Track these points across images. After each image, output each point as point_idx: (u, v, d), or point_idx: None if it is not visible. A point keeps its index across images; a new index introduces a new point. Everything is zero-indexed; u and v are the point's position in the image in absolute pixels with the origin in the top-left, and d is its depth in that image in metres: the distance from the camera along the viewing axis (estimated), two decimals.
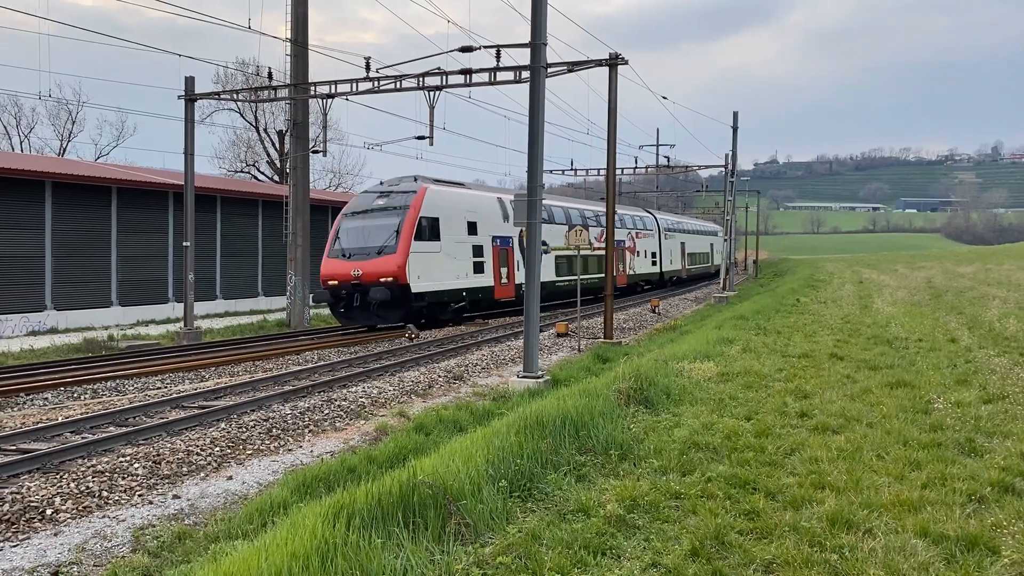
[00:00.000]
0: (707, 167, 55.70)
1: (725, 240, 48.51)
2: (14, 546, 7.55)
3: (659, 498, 6.70)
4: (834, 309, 25.86)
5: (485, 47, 21.06)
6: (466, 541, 5.71)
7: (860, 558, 5.41)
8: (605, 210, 24.49)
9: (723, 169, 48.76)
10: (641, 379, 10.95)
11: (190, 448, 10.61)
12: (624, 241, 42.66)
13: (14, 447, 10.58)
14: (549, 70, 18.61)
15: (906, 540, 5.69)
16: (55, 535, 7.83)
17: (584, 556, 5.51)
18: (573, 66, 21.46)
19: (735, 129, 45.75)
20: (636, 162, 49.88)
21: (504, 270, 30.80)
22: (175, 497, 9.00)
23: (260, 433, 11.68)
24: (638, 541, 5.84)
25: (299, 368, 17.35)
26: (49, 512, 8.35)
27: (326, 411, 13.22)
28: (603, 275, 33.18)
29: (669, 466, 7.67)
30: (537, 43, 15.33)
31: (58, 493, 8.77)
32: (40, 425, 11.71)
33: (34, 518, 8.21)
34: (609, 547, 5.71)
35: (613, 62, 22.27)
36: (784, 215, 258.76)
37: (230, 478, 9.77)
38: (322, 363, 18.21)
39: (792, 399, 10.91)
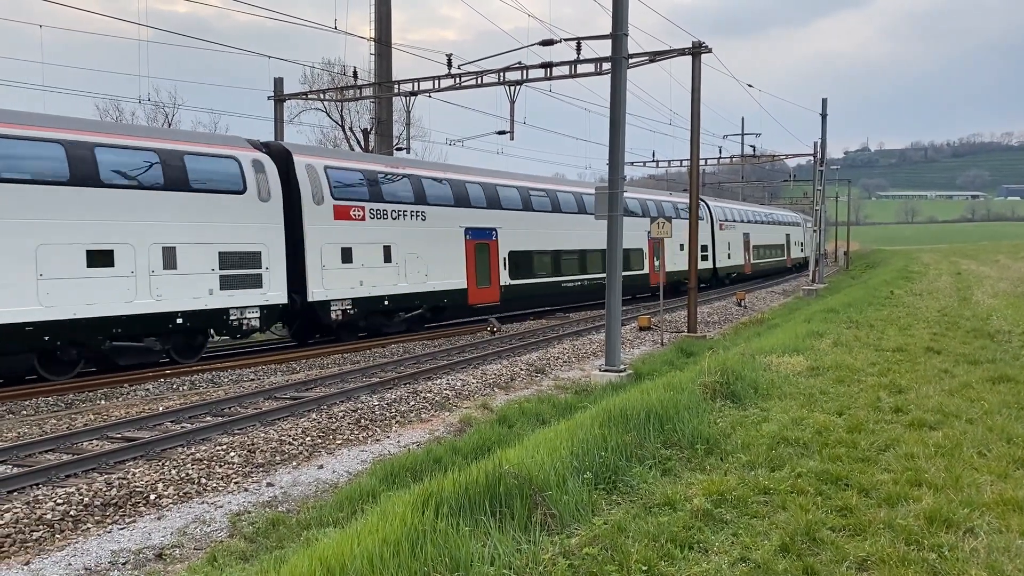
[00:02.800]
0: (795, 156, 53.63)
1: (814, 231, 47.04)
2: (121, 528, 7.95)
3: (747, 493, 6.59)
4: (930, 301, 24.88)
5: (565, 40, 21.04)
6: (552, 531, 5.74)
7: (961, 558, 5.21)
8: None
9: (811, 158, 47.38)
10: (727, 373, 10.78)
11: (283, 437, 10.96)
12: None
13: (120, 435, 11.14)
14: (630, 61, 18.46)
15: (1011, 540, 5.45)
16: (158, 519, 8.21)
17: (671, 549, 5.47)
18: (655, 56, 21.23)
19: (824, 116, 44.45)
20: (720, 152, 48.85)
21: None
22: (269, 485, 9.31)
23: (349, 423, 11.98)
24: (726, 535, 5.77)
25: (385, 361, 17.70)
26: (153, 497, 8.76)
27: (412, 402, 13.45)
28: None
29: (757, 461, 7.54)
30: (618, 34, 15.22)
31: (160, 479, 9.19)
32: (143, 415, 12.29)
33: (139, 503, 8.62)
34: (696, 541, 5.66)
35: (696, 51, 21.93)
36: (876, 204, 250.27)
37: (321, 467, 10.05)
38: (407, 356, 18.53)
39: (886, 394, 10.57)
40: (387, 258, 21.91)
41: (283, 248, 18.88)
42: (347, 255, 20.73)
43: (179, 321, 16.81)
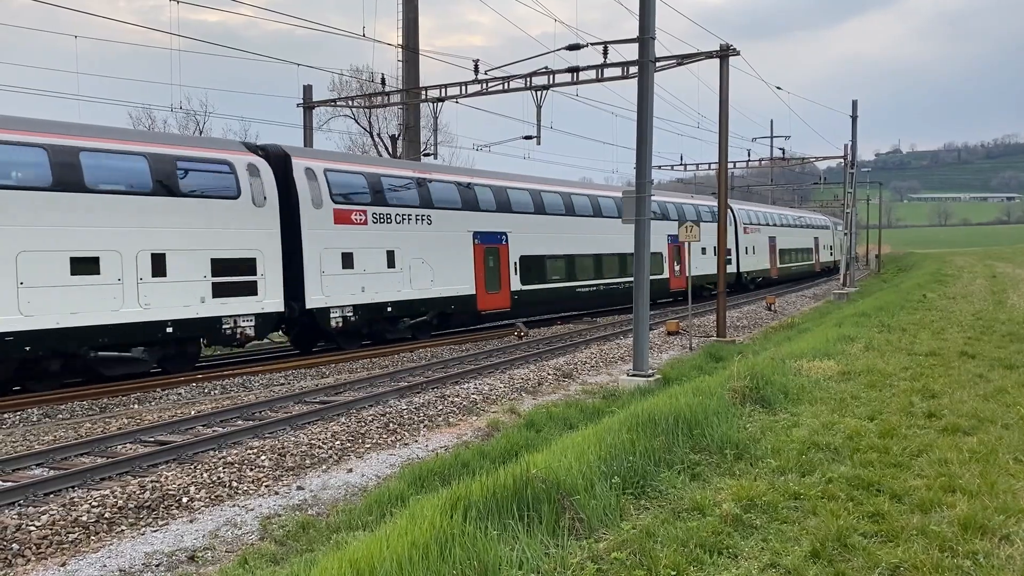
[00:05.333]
0: (825, 159, 52.97)
1: (845, 234, 46.50)
2: (155, 531, 8.06)
3: (777, 498, 6.54)
4: (964, 305, 24.51)
5: (592, 44, 21.07)
6: (580, 536, 5.74)
7: (996, 565, 5.13)
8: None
9: (842, 160, 46.93)
10: (757, 378, 10.70)
11: (312, 441, 11.05)
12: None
13: (153, 439, 11.30)
14: (658, 64, 18.41)
15: None
16: (191, 522, 8.32)
17: (700, 554, 5.44)
18: (682, 59, 21.17)
19: (854, 118, 43.96)
20: (749, 155, 48.23)
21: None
22: (299, 488, 9.39)
23: (378, 427, 12.05)
24: (756, 541, 5.72)
25: (413, 365, 17.78)
26: (185, 500, 8.88)
27: (440, 407, 13.50)
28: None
29: (787, 466, 7.47)
30: (645, 38, 15.19)
31: (193, 482, 9.31)
32: (175, 419, 12.45)
33: (172, 505, 8.74)
34: (725, 546, 5.62)
35: (724, 54, 21.82)
36: (908, 207, 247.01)
37: (350, 471, 10.12)
38: (435, 360, 18.60)
39: (919, 399, 10.43)
40: (391, 263, 21.38)
41: (279, 254, 18.49)
42: (348, 260, 20.21)
43: (169, 330, 16.35)
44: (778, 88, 35.11)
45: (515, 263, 25.68)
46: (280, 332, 21.04)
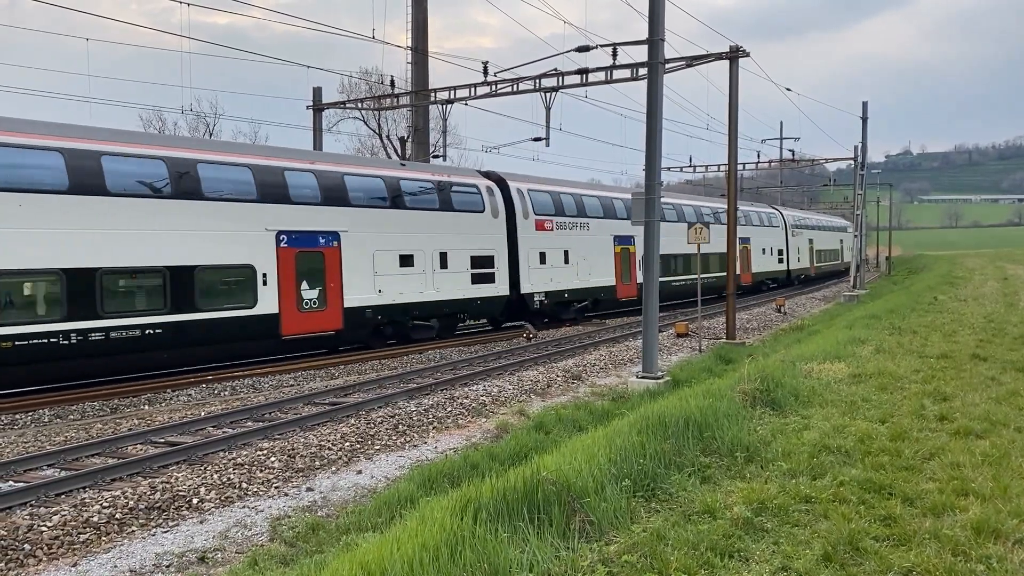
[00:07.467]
0: (834, 160, 52.69)
1: (855, 235, 46.35)
2: (165, 531, 8.09)
3: (788, 501, 6.51)
4: (975, 307, 24.38)
5: (601, 46, 21.03)
6: (590, 538, 5.73)
7: (1010, 569, 5.10)
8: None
9: (852, 162, 46.72)
10: (767, 380, 10.67)
11: (322, 443, 11.07)
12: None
13: (163, 440, 11.34)
14: (667, 66, 18.38)
15: None
16: (201, 522, 8.34)
17: (710, 558, 5.42)
18: (692, 61, 21.13)
19: (864, 120, 43.79)
20: (758, 156, 48.24)
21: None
22: (308, 489, 9.41)
23: (387, 429, 12.06)
24: (766, 544, 5.70)
25: (422, 367, 17.79)
26: (195, 501, 8.90)
27: (449, 408, 13.51)
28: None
29: (798, 469, 7.44)
30: (655, 39, 15.16)
31: (203, 483, 9.33)
32: (185, 420, 12.49)
33: (182, 506, 8.76)
34: (736, 549, 5.60)
35: (733, 55, 21.77)
36: (918, 209, 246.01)
37: (359, 472, 10.13)
38: (444, 362, 18.61)
39: (930, 402, 10.37)
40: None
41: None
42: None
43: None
44: (788, 89, 35.02)
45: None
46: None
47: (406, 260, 21.25)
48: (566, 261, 27.41)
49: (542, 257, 26.27)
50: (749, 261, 41.81)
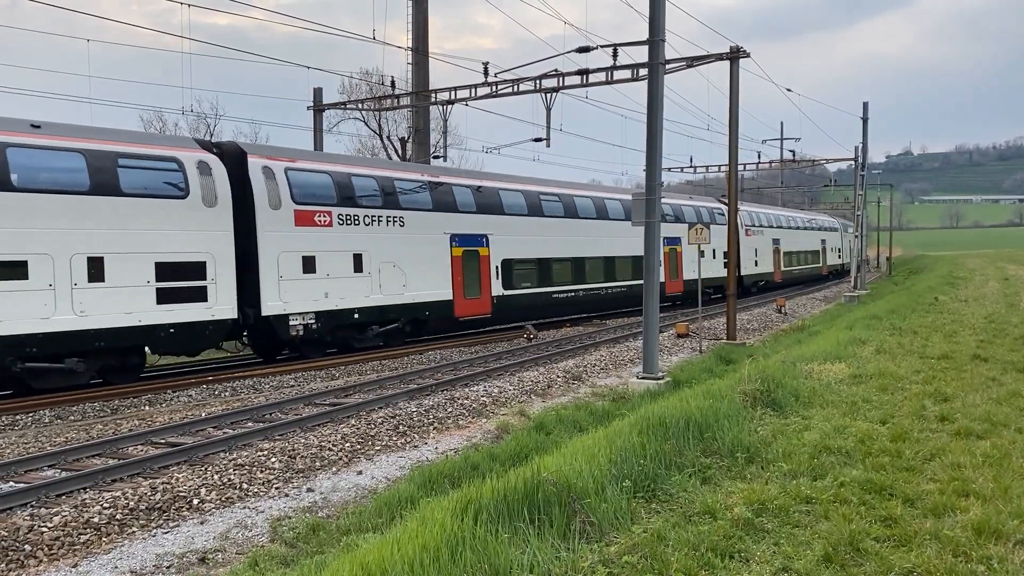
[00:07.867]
0: (835, 160, 52.42)
1: (855, 236, 46.32)
2: (166, 532, 8.09)
3: (789, 502, 6.51)
4: (976, 308, 24.37)
5: (602, 47, 21.03)
6: (591, 539, 5.73)
7: (1011, 570, 5.10)
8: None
9: (852, 162, 46.75)
10: (767, 381, 10.66)
11: (322, 443, 11.07)
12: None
13: (164, 440, 11.34)
14: (667, 67, 18.39)
15: None
16: (201, 523, 8.34)
17: (711, 558, 5.41)
18: (692, 62, 21.13)
19: (865, 120, 43.81)
20: (759, 157, 48.06)
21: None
22: (309, 490, 9.41)
23: (388, 430, 12.06)
24: (767, 545, 5.70)
25: (423, 367, 17.79)
26: (196, 502, 8.90)
27: (449, 409, 13.50)
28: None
29: (799, 470, 7.44)
30: (655, 40, 15.16)
31: (203, 484, 9.33)
32: (186, 420, 12.48)
33: (183, 507, 8.76)
34: (737, 550, 5.60)
35: (734, 56, 21.77)
36: (919, 209, 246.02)
37: (360, 473, 10.13)
38: (444, 363, 18.61)
39: (931, 402, 10.37)
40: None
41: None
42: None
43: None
44: (788, 90, 35.03)
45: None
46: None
47: (10, 270, 13.87)
48: (357, 269, 20.06)
49: (307, 263, 18.81)
50: (679, 266, 34.85)
